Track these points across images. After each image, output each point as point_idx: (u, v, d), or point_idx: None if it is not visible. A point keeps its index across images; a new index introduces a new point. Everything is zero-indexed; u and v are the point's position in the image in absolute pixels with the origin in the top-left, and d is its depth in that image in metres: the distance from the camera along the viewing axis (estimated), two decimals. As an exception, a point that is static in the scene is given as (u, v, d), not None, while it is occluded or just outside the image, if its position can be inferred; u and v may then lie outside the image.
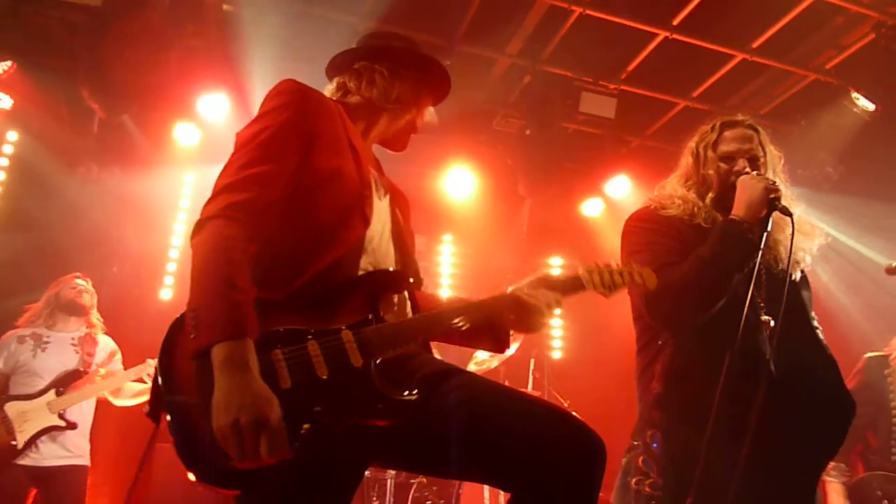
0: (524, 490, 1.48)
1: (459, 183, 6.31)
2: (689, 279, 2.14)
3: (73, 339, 4.28)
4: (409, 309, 1.81)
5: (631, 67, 5.75)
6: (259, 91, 5.01)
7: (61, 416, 4.04)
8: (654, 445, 2.13)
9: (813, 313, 2.33)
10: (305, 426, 1.44)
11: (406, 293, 1.81)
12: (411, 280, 1.82)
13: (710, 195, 2.37)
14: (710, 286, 2.16)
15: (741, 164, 2.33)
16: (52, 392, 4.06)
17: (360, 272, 1.71)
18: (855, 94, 5.34)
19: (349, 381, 1.53)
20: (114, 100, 5.02)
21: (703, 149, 2.41)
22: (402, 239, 1.88)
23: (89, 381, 4.18)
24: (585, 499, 1.46)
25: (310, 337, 1.54)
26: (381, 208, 1.83)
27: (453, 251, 7.16)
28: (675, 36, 5.25)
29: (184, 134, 5.61)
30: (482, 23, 5.29)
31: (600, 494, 1.48)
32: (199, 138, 5.61)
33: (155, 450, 5.08)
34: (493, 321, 1.87)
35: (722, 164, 2.36)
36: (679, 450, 2.08)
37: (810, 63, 5.61)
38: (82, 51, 4.94)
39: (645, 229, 2.35)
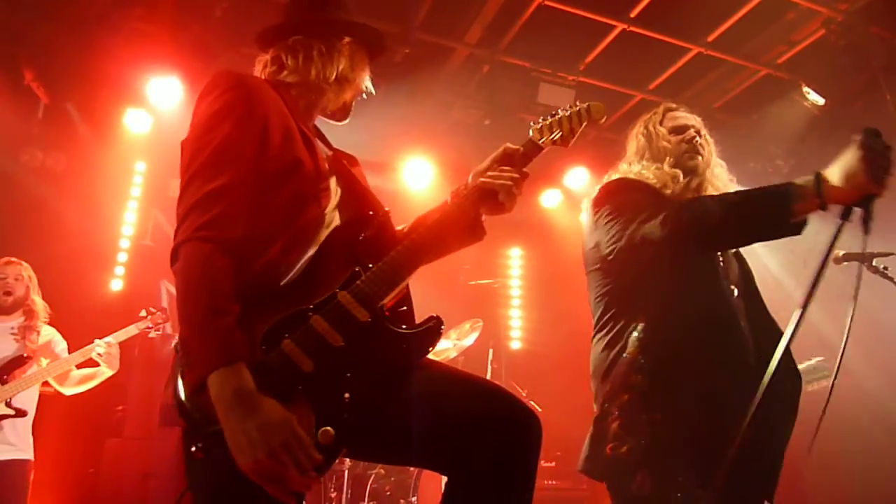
0: (458, 471, 1.51)
1: (418, 174, 6.28)
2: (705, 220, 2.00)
3: (11, 328, 4.08)
4: (387, 247, 1.76)
5: (589, 59, 5.77)
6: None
7: (8, 405, 3.87)
8: (633, 410, 2.11)
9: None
10: (346, 395, 1.48)
11: (380, 233, 1.77)
12: (378, 217, 1.78)
13: (669, 161, 2.43)
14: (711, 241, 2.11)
15: (691, 132, 2.44)
16: None
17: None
18: (805, 89, 5.47)
19: (366, 337, 1.55)
20: (59, 85, 4.85)
21: (653, 126, 2.52)
22: (357, 198, 1.84)
23: (34, 366, 4.01)
24: (521, 476, 1.48)
25: (310, 314, 1.54)
26: (333, 184, 1.80)
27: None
28: (632, 28, 5.29)
29: (134, 121, 5.45)
30: (440, 11, 5.25)
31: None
32: (151, 125, 5.46)
33: (105, 445, 4.96)
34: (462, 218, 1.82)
35: (673, 136, 2.47)
36: (660, 413, 2.08)
37: (762, 57, 5.71)
38: (26, 33, 4.76)
39: (632, 187, 2.34)
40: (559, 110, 1.99)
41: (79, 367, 4.13)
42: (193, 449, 1.43)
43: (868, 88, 5.27)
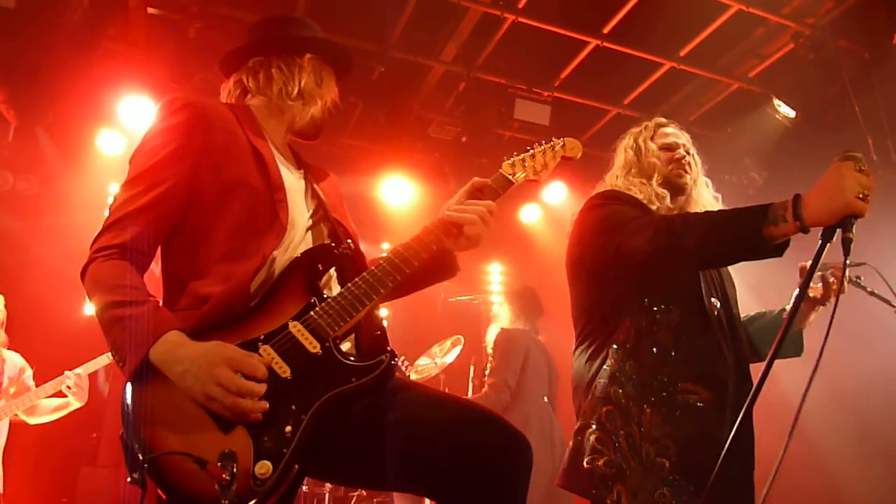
0: (446, 498, 1.48)
1: (396, 191, 6.26)
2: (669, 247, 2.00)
3: None
4: (348, 278, 1.75)
5: (564, 75, 5.82)
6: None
7: None
8: (611, 423, 2.10)
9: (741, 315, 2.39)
10: (287, 428, 1.45)
11: (341, 264, 1.77)
12: (340, 249, 1.76)
13: (657, 178, 2.42)
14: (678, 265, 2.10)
15: (681, 151, 2.43)
16: None
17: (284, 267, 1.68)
18: (777, 102, 5.56)
19: (314, 369, 1.53)
20: (30, 106, 4.77)
21: (643, 142, 2.50)
22: (330, 221, 1.84)
23: (3, 398, 3.92)
24: (515, 497, 1.46)
25: (260, 343, 1.53)
26: (297, 204, 1.78)
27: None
28: (605, 44, 5.34)
29: (107, 142, 5.37)
30: (416, 29, 5.26)
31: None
32: (124, 146, 5.39)
33: (79, 473, 4.84)
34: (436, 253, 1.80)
35: (663, 153, 2.46)
36: (637, 426, 2.07)
37: (734, 72, 5.80)
38: (-6, 54, 4.68)
39: (619, 200, 2.32)
40: (534, 145, 1.99)
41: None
42: (129, 479, 1.43)
43: (838, 101, 5.36)
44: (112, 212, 1.62)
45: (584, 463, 2.08)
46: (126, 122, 5.11)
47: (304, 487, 4.60)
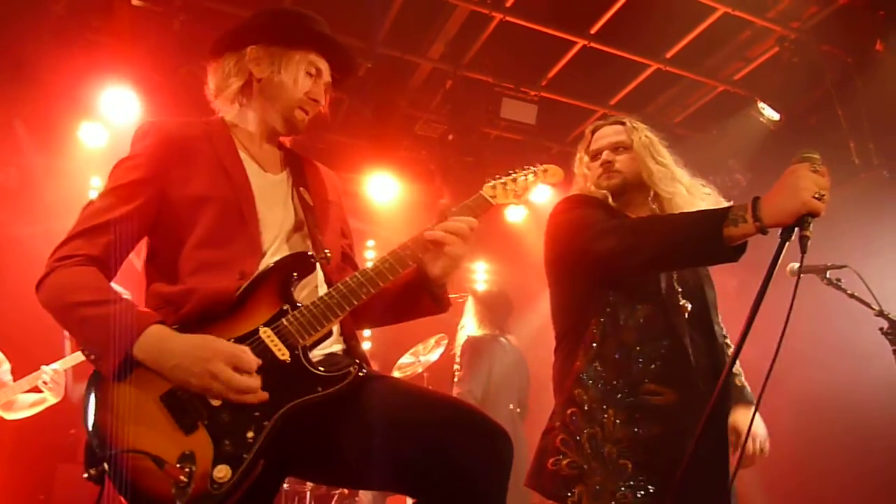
0: (425, 496, 1.47)
1: (382, 188, 6.24)
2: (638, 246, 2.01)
3: None
4: (322, 287, 1.77)
5: (551, 74, 5.83)
6: (167, 94, 4.80)
7: None
8: (574, 424, 2.10)
9: (718, 316, 2.38)
10: (249, 434, 1.44)
11: (318, 273, 1.77)
12: (317, 257, 1.75)
13: (590, 185, 2.45)
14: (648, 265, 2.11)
15: (604, 155, 2.41)
16: None
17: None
18: (761, 104, 5.61)
19: (281, 377, 1.53)
20: (10, 98, 4.71)
21: (580, 154, 2.54)
22: (311, 229, 1.82)
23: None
24: (492, 494, 1.45)
25: None
26: (272, 212, 1.77)
27: (376, 258, 7.04)
28: (592, 44, 5.36)
29: (89, 135, 5.30)
30: (403, 26, 5.25)
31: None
32: (107, 139, 5.32)
33: (57, 470, 4.78)
34: (419, 280, 1.79)
35: (592, 162, 2.47)
36: (599, 428, 2.07)
37: (720, 74, 5.84)
38: (-25, 44, 4.61)
39: (584, 203, 2.33)
40: (517, 169, 1.99)
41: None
42: (85, 476, 1.43)
43: (821, 104, 5.42)
44: (78, 223, 1.65)
45: (549, 464, 2.10)
46: (108, 115, 5.05)
47: (285, 485, 4.57)
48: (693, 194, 2.38)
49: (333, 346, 1.75)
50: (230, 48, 1.88)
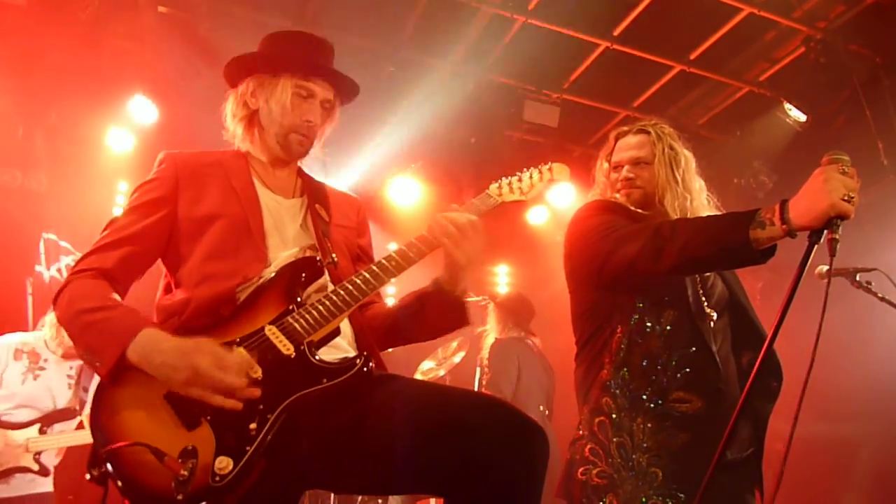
0: (457, 496, 1.43)
1: (404, 192, 6.26)
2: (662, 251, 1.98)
3: (70, 367, 3.72)
4: (329, 287, 1.77)
5: (573, 77, 5.81)
6: (192, 99, 4.84)
7: (37, 460, 3.52)
8: (603, 433, 2.09)
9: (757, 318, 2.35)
10: (252, 426, 1.45)
11: (326, 278, 1.78)
12: (324, 262, 1.76)
13: (609, 192, 2.44)
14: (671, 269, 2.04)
15: (625, 171, 2.38)
16: (35, 427, 3.53)
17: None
18: (787, 105, 5.53)
19: (285, 370, 1.54)
20: (40, 104, 4.80)
21: (601, 161, 2.52)
22: (322, 240, 1.84)
23: (81, 426, 3.66)
24: (528, 490, 1.40)
25: (235, 345, 1.55)
26: (282, 230, 1.81)
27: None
28: (616, 46, 5.32)
29: (117, 140, 5.39)
30: (426, 30, 5.26)
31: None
32: (133, 144, 5.40)
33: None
34: (434, 289, 1.79)
35: (613, 174, 2.44)
36: (628, 437, 2.05)
37: (745, 75, 5.77)
38: (5, 52, 4.71)
39: (606, 209, 2.31)
40: (523, 170, 2.02)
41: None
42: (88, 477, 1.44)
43: (849, 104, 5.33)
44: (98, 240, 1.74)
45: (579, 474, 2.09)
46: (135, 120, 5.13)
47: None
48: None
49: (349, 353, 1.74)
50: (233, 84, 1.95)
